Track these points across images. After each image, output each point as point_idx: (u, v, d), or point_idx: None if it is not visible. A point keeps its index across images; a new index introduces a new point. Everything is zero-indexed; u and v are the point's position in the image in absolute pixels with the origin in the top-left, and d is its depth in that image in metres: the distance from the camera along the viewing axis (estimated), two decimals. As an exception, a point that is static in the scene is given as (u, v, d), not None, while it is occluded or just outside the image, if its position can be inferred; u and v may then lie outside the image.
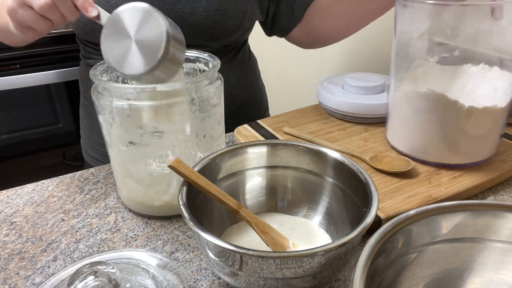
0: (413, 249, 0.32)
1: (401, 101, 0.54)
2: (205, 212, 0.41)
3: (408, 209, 0.34)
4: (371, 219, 0.33)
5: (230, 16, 0.65)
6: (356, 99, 0.65)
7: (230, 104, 0.61)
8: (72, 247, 0.45)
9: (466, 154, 0.52)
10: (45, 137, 1.39)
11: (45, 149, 1.42)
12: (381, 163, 0.53)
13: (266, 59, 1.69)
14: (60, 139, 1.42)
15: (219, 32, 0.65)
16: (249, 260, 0.31)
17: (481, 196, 0.51)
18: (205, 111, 0.45)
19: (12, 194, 0.55)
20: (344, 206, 0.42)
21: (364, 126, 0.65)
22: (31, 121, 1.35)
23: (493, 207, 0.32)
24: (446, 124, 0.50)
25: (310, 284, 0.33)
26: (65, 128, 1.41)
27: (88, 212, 0.50)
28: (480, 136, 0.51)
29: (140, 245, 0.45)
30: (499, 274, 0.33)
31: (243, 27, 0.68)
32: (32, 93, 1.28)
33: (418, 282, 0.33)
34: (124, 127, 0.44)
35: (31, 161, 1.41)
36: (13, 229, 0.48)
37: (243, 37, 0.73)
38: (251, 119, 0.69)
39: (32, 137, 1.37)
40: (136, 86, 0.41)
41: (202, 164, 0.41)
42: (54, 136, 1.40)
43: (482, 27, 0.46)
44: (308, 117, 0.68)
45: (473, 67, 0.48)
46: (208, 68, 0.49)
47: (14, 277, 0.41)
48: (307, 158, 0.44)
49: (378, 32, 1.07)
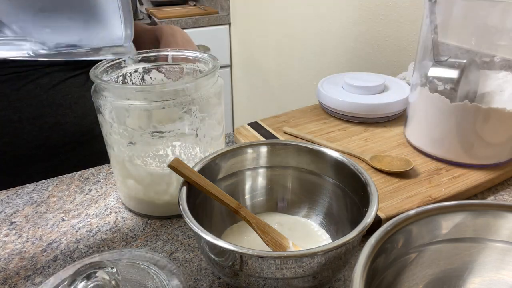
0: (413, 249, 0.32)
1: (422, 100, 0.55)
2: (205, 212, 0.41)
3: (408, 209, 0.34)
4: (371, 219, 0.33)
5: None
6: (356, 99, 0.65)
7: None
8: (72, 247, 0.45)
9: (487, 156, 0.52)
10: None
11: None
12: (381, 163, 0.53)
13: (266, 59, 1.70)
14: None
15: None
16: (249, 260, 0.31)
17: (481, 196, 0.51)
18: (205, 111, 0.45)
19: (12, 194, 0.55)
20: (344, 206, 0.42)
21: (364, 126, 0.65)
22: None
23: (493, 207, 0.32)
24: (467, 125, 0.51)
25: (310, 284, 0.33)
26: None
27: (88, 212, 0.50)
28: (504, 138, 0.51)
29: (140, 245, 0.45)
30: (499, 274, 0.33)
31: None
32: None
33: (418, 282, 0.33)
34: (124, 127, 0.44)
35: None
36: (13, 229, 0.48)
37: None
38: None
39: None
40: (136, 87, 0.41)
41: (202, 164, 0.41)
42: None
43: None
44: (308, 117, 0.68)
45: (499, 72, 0.49)
46: (208, 68, 0.49)
47: (14, 277, 0.41)
48: (307, 158, 0.44)
49: (378, 32, 1.08)
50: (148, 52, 0.52)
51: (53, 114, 0.67)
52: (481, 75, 0.51)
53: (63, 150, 0.69)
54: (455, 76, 0.52)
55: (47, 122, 0.67)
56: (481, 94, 0.52)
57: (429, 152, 0.55)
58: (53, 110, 0.67)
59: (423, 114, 0.55)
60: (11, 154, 0.65)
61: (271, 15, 1.56)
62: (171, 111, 0.43)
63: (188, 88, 0.43)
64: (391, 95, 0.66)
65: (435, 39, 0.51)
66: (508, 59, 0.48)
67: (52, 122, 0.67)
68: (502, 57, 0.49)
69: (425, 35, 0.53)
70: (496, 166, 0.53)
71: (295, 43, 1.45)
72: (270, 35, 1.59)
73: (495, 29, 0.47)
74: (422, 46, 0.54)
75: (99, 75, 0.45)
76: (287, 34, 1.47)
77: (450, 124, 0.51)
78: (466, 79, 0.51)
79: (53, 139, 0.68)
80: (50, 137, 0.67)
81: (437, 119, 0.53)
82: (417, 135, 0.57)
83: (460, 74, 0.51)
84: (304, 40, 1.39)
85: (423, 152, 0.56)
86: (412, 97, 0.57)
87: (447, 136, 0.52)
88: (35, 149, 0.67)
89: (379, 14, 1.06)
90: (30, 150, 0.66)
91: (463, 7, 0.49)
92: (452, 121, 0.51)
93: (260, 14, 1.64)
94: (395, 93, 0.67)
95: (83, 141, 0.71)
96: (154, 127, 0.43)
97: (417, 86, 0.56)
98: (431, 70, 0.53)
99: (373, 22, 1.08)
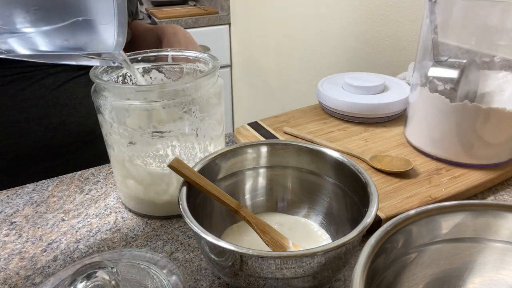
0: (413, 249, 0.32)
1: (422, 100, 0.55)
2: (205, 212, 0.41)
3: (408, 209, 0.34)
4: (371, 219, 0.33)
5: None
6: (356, 99, 0.65)
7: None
8: (72, 247, 0.45)
9: (487, 156, 0.52)
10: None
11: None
12: (381, 163, 0.53)
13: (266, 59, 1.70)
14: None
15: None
16: (249, 260, 0.31)
17: (481, 196, 0.51)
18: (205, 111, 0.45)
19: (12, 194, 0.55)
20: (344, 206, 0.42)
21: (364, 126, 0.65)
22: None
23: (493, 207, 0.32)
24: (467, 125, 0.51)
25: (310, 284, 0.33)
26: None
27: (88, 212, 0.50)
28: (504, 138, 0.51)
29: (140, 245, 0.45)
30: (499, 274, 0.33)
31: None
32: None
33: (418, 282, 0.33)
34: (124, 127, 0.44)
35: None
36: (13, 229, 0.48)
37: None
38: None
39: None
40: (136, 87, 0.41)
41: (202, 164, 0.41)
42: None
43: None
44: (308, 117, 0.68)
45: (499, 72, 0.49)
46: (208, 68, 0.49)
47: (14, 277, 0.41)
48: (307, 158, 0.44)
49: (378, 32, 1.08)
50: (148, 52, 0.52)
51: (58, 114, 0.67)
52: (481, 75, 0.51)
53: (67, 150, 0.70)
54: (455, 76, 0.52)
55: (52, 122, 0.67)
56: (481, 94, 0.52)
57: (429, 152, 0.55)
58: (57, 110, 0.67)
59: (423, 114, 0.55)
60: (14, 154, 0.65)
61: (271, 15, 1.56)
62: (171, 111, 0.43)
63: (188, 88, 0.43)
64: (391, 95, 0.66)
65: (435, 39, 0.51)
66: (508, 59, 0.48)
67: (57, 122, 0.67)
68: (502, 57, 0.49)
69: (425, 35, 0.53)
70: (496, 166, 0.53)
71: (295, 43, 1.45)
72: (270, 35, 1.59)
73: (495, 29, 0.47)
74: (422, 46, 0.54)
75: (99, 75, 0.45)
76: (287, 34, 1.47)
77: (450, 124, 0.51)
78: (466, 79, 0.51)
79: (57, 139, 0.68)
80: (55, 137, 0.67)
81: (437, 119, 0.53)
82: (417, 135, 0.57)
83: (460, 74, 0.51)
84: (304, 40, 1.39)
85: (423, 152, 0.56)
86: (412, 97, 0.57)
87: (447, 136, 0.52)
88: (39, 149, 0.67)
89: (379, 14, 1.06)
90: (33, 150, 0.66)
91: (463, 7, 0.49)
92: (452, 121, 0.51)
93: (260, 14, 1.64)
94: (395, 93, 0.67)
95: (87, 141, 0.71)
96: (154, 127, 0.43)
97: (417, 86, 0.56)
98: (431, 70, 0.53)
99: (373, 22, 1.08)
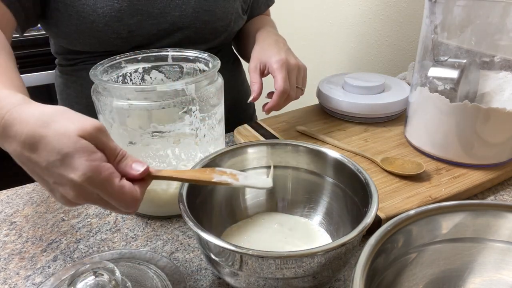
0: (413, 249, 0.32)
1: (422, 100, 0.55)
2: (205, 212, 0.41)
3: (408, 209, 0.34)
4: (371, 219, 0.33)
5: (219, 17, 0.65)
6: (356, 99, 0.65)
7: None
8: (72, 247, 0.45)
9: (487, 156, 0.52)
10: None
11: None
12: (392, 165, 0.53)
13: (266, 59, 1.69)
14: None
15: (207, 34, 0.65)
16: (249, 260, 0.31)
17: (481, 196, 0.51)
18: (205, 111, 0.45)
19: (12, 194, 0.55)
20: (344, 206, 0.42)
21: (364, 126, 0.65)
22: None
23: (493, 207, 0.32)
24: (467, 125, 0.51)
25: (310, 284, 0.33)
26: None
27: (88, 212, 0.50)
28: (504, 138, 0.51)
29: (140, 245, 0.45)
30: (499, 274, 0.33)
31: (230, 28, 0.68)
32: (32, 93, 1.28)
33: (418, 282, 0.33)
34: (124, 127, 0.44)
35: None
36: (13, 229, 0.48)
37: (229, 39, 0.72)
38: (236, 123, 0.67)
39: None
40: (136, 87, 0.41)
41: (202, 164, 0.41)
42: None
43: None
44: (308, 117, 0.68)
45: (499, 72, 0.49)
46: (208, 68, 0.49)
47: (14, 277, 0.41)
48: (307, 158, 0.44)
49: (378, 32, 1.08)
50: (148, 52, 0.52)
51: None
52: (481, 75, 0.51)
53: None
54: (455, 76, 0.52)
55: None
56: (481, 94, 0.52)
57: (429, 152, 0.55)
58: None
59: (423, 114, 0.55)
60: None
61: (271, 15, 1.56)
62: (171, 111, 0.43)
63: (188, 88, 0.43)
64: (391, 95, 0.66)
65: (435, 39, 0.51)
66: (508, 59, 0.48)
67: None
68: (502, 57, 0.49)
69: (425, 35, 0.53)
70: (496, 166, 0.53)
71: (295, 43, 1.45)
72: (270, 35, 1.59)
73: (495, 29, 0.47)
74: (422, 46, 0.54)
75: (99, 75, 0.45)
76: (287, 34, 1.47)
77: (450, 124, 0.51)
78: (466, 79, 0.51)
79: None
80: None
81: (437, 119, 0.53)
82: (417, 135, 0.57)
83: (460, 74, 0.51)
84: (304, 40, 1.39)
85: (423, 152, 0.56)
86: (412, 97, 0.57)
87: (447, 136, 0.52)
88: None
89: (379, 14, 1.06)
90: None
91: (463, 7, 0.49)
92: (452, 121, 0.51)
93: (260, 14, 1.63)
94: (395, 93, 0.67)
95: None
96: (154, 127, 0.43)
97: (417, 86, 0.56)
98: (431, 70, 0.53)
99: (373, 22, 1.08)
